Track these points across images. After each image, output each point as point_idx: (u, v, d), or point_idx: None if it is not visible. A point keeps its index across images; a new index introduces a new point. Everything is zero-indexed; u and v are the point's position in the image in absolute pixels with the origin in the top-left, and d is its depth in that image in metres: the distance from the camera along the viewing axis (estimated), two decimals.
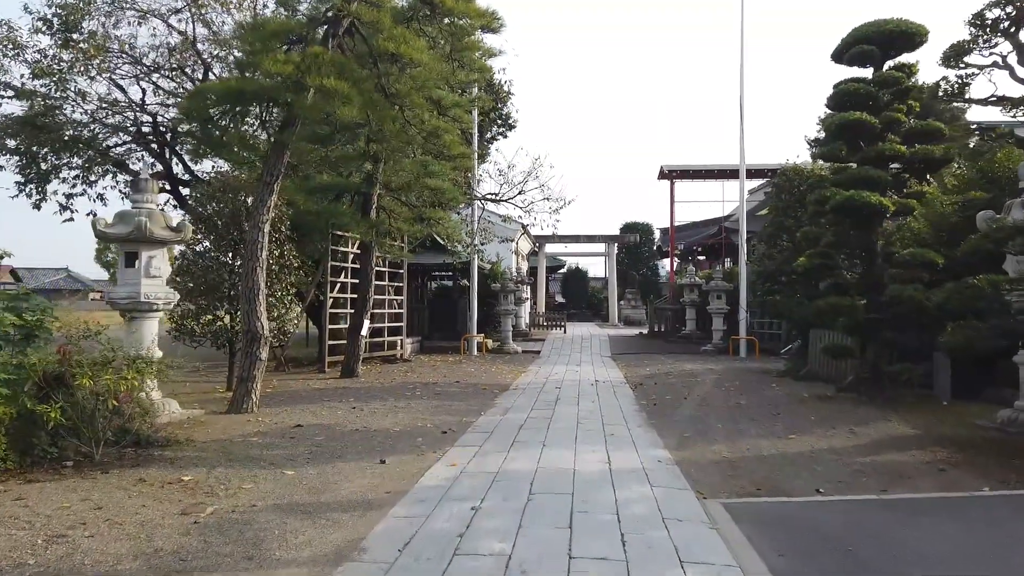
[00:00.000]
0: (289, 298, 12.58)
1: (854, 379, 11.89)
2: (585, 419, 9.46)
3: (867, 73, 10.82)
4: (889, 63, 10.63)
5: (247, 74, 10.38)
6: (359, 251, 15.58)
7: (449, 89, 14.66)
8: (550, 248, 38.64)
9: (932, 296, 8.33)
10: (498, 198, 19.77)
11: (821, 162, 15.30)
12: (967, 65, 14.28)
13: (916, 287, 9.57)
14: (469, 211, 21.13)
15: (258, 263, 9.96)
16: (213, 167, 14.84)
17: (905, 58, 10.64)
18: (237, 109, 10.21)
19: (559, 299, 46.97)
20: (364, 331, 14.85)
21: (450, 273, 25.42)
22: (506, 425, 8.88)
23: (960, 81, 14.34)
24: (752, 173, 26.83)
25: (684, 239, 35.70)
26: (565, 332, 29.28)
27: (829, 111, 10.93)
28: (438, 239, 20.75)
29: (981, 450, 7.42)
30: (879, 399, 10.30)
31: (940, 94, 14.05)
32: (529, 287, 33.93)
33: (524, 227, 29.36)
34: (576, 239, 37.40)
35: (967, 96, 14.38)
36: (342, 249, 16.50)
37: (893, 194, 10.51)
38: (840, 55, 10.74)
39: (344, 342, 15.25)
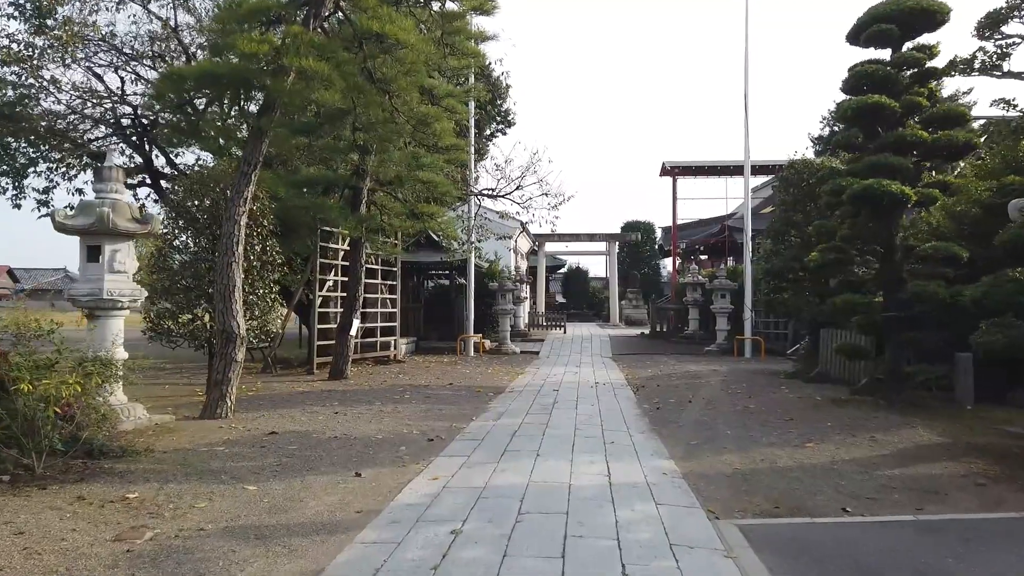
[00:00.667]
0: (272, 296, 11.90)
1: (869, 381, 11.23)
2: (584, 425, 8.80)
3: (885, 55, 10.14)
4: (908, 44, 9.95)
5: (223, 57, 9.72)
6: (349, 248, 14.94)
7: (442, 77, 14.04)
8: (550, 247, 37.98)
9: (964, 292, 7.63)
10: (495, 194, 19.10)
11: (829, 156, 14.64)
12: (1004, 36, 13.36)
13: (939, 283, 8.89)
14: (465, 208, 20.51)
15: (234, 258, 9.31)
16: (197, 160, 14.19)
17: (925, 39, 9.94)
18: (213, 94, 9.56)
19: (559, 299, 46.28)
20: (353, 331, 14.20)
21: (447, 272, 24.78)
22: (498, 432, 8.22)
23: (999, 51, 13.40)
24: (756, 170, 26.17)
25: (686, 238, 35.04)
26: (565, 332, 28.61)
27: (845, 96, 10.23)
28: (433, 236, 20.12)
29: (1020, 461, 6.74)
30: (898, 403, 9.62)
31: (977, 66, 13.22)
32: (528, 286, 33.27)
33: (523, 225, 28.71)
34: (576, 238, 36.72)
35: (1007, 69, 13.55)
36: (332, 246, 15.86)
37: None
38: (856, 35, 10.05)
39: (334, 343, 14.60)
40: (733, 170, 28.58)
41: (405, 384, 12.99)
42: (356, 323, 14.26)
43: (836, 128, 48.29)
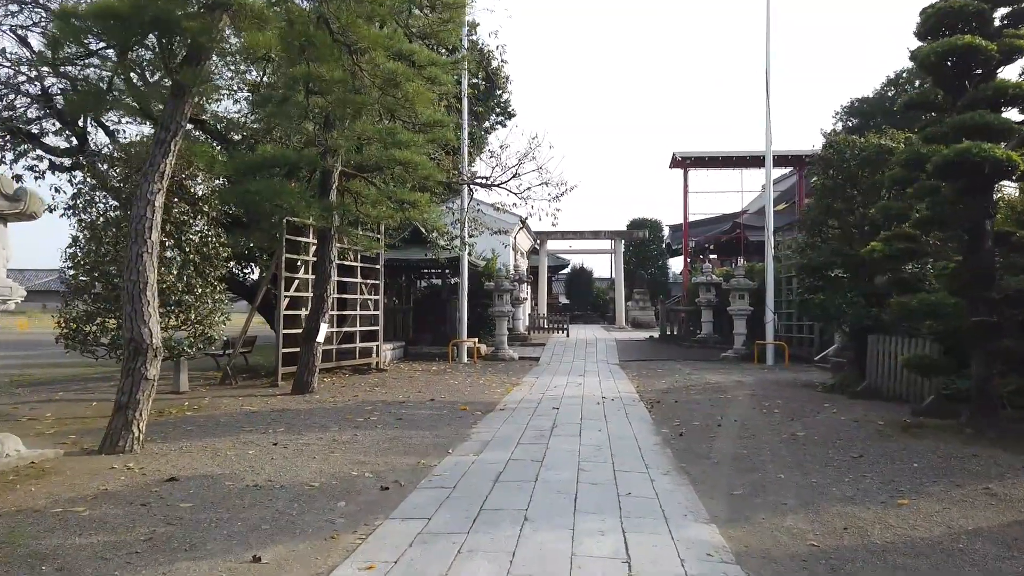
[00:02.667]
0: (217, 296, 9.96)
1: (935, 400, 9.20)
2: (589, 461, 6.80)
3: None
4: None
5: None
6: (317, 241, 12.96)
7: (422, 43, 12.06)
8: (552, 245, 35.96)
9: None
10: (489, 183, 17.07)
11: (873, 133, 12.60)
12: None
13: None
14: (458, 200, 18.53)
15: (145, 247, 7.33)
16: (139, 136, 12.20)
17: None
18: (122, 42, 7.59)
19: (562, 300, 44.21)
20: (321, 338, 12.21)
21: (440, 271, 22.80)
22: (477, 475, 6.23)
23: None
24: (776, 160, 24.08)
25: (694, 236, 33.01)
26: (568, 335, 26.60)
27: (920, 43, 8.18)
28: (422, 230, 18.14)
29: None
30: (989, 430, 7.59)
31: None
32: (529, 287, 31.27)
33: (523, 221, 26.72)
34: (580, 235, 34.73)
35: None
36: (302, 240, 13.89)
37: None
38: None
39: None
40: (750, 161, 26.56)
41: (377, 400, 11.00)
42: (324, 328, 12.27)
43: (850, 123, 46.26)
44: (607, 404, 10.89)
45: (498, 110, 37.50)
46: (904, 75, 43.61)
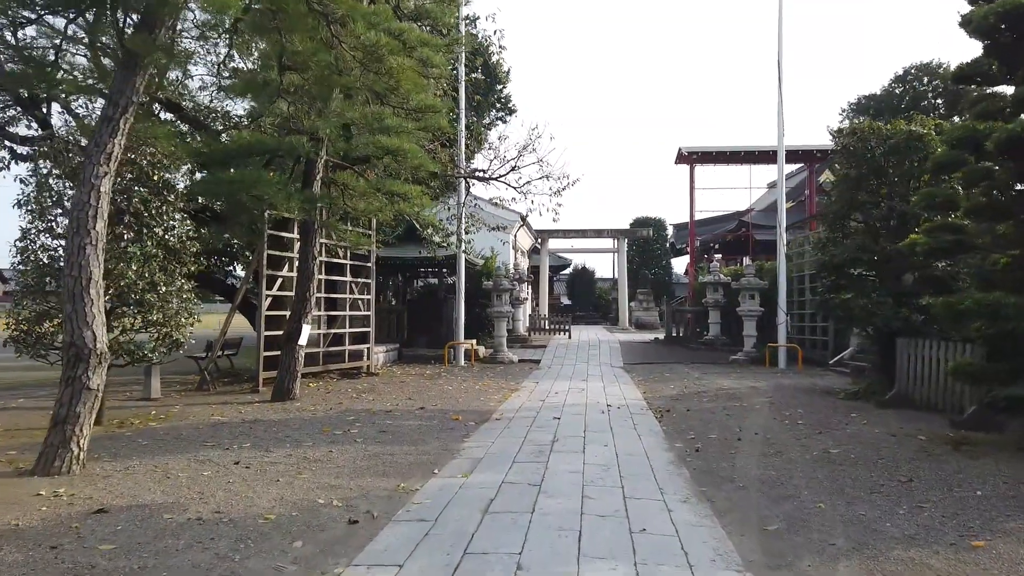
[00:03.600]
0: (185, 295, 9.05)
1: (978, 410, 8.28)
2: (595, 485, 5.88)
3: None
4: None
5: None
6: (300, 236, 12.04)
7: (415, 24, 11.20)
8: (554, 244, 35.03)
9: None
10: (487, 176, 16.14)
11: (900, 118, 11.68)
12: None
13: None
14: (455, 196, 17.61)
15: (89, 239, 6.43)
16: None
17: None
18: (65, 7, 6.70)
19: (565, 301, 43.24)
20: (303, 340, 11.30)
21: (437, 269, 21.88)
22: (464, 503, 5.31)
23: None
24: (775, 158, 23.00)
25: (699, 236, 31.99)
26: (570, 337, 25.68)
27: (971, 7, 7.24)
28: (417, 226, 17.24)
29: None
30: None
31: None
32: (531, 286, 30.35)
33: (523, 218, 25.80)
34: (583, 234, 33.81)
35: None
36: (286, 235, 13.00)
37: None
38: None
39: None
40: (758, 156, 25.58)
41: (362, 409, 10.09)
42: (307, 330, 11.36)
43: (857, 121, 45.30)
44: (613, 413, 9.97)
45: (498, 105, 36.60)
46: (912, 71, 42.73)
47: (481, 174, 16.43)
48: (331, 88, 8.34)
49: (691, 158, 25.76)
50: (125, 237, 8.42)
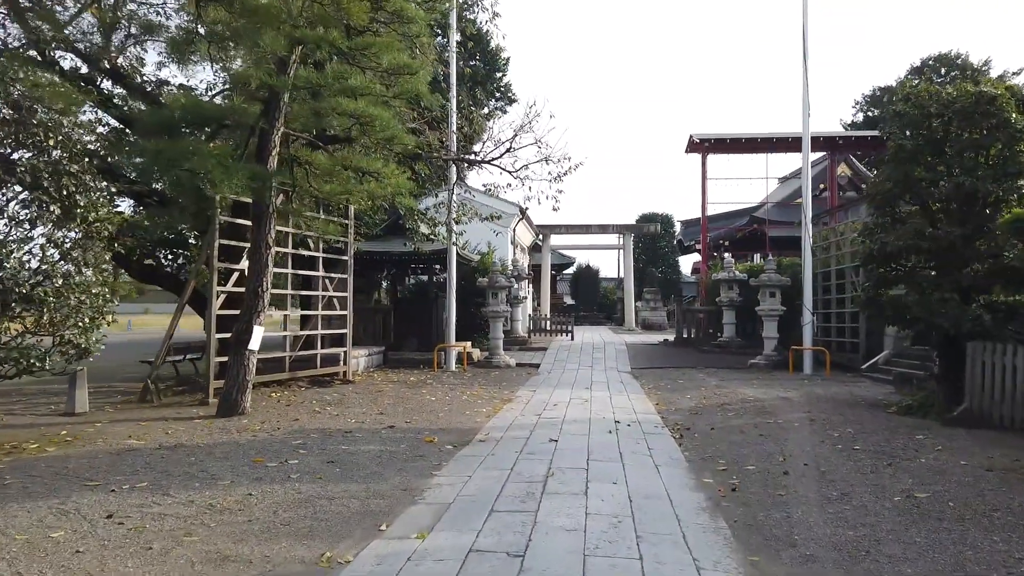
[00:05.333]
0: (98, 291, 7.31)
1: None
2: (601, 553, 4.11)
3: None
4: None
5: None
6: (252, 222, 10.28)
7: None
8: (557, 240, 33.21)
9: None
10: (479, 159, 14.36)
11: (962, 80, 9.86)
12: None
13: None
14: (446, 185, 15.86)
15: None
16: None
17: None
18: None
19: (567, 300, 41.39)
20: (255, 345, 9.55)
21: (429, 265, 20.11)
22: None
23: None
24: (795, 145, 21.16)
25: (709, 231, 30.18)
26: (572, 339, 23.89)
27: None
28: (401, 212, 15.47)
29: None
30: None
31: None
32: (531, 285, 28.56)
33: (523, 211, 24.02)
34: (587, 229, 32.01)
35: None
36: (244, 222, 11.26)
37: None
38: None
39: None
40: (777, 143, 23.76)
41: (317, 428, 8.32)
42: (259, 332, 9.61)
43: (871, 113, 43.33)
44: (622, 433, 8.20)
45: (498, 94, 34.86)
46: (930, 63, 40.87)
47: (473, 156, 14.66)
48: (269, 26, 6.58)
49: (703, 146, 23.99)
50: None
